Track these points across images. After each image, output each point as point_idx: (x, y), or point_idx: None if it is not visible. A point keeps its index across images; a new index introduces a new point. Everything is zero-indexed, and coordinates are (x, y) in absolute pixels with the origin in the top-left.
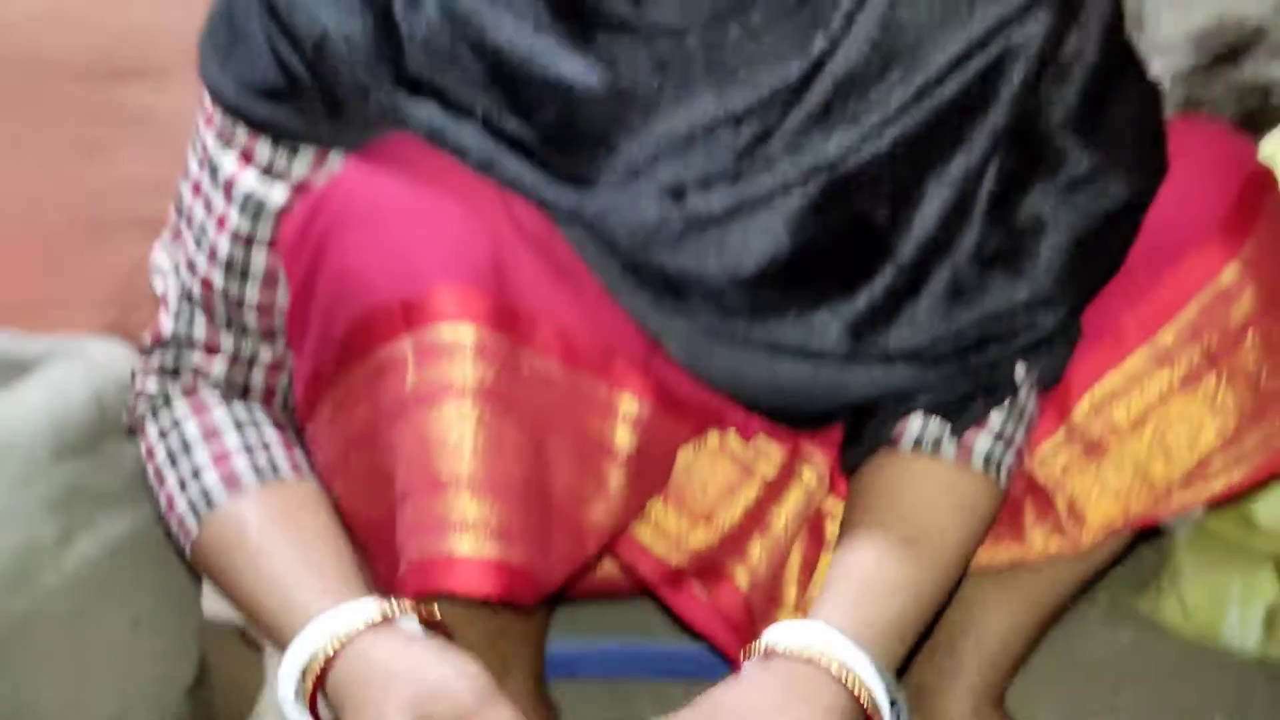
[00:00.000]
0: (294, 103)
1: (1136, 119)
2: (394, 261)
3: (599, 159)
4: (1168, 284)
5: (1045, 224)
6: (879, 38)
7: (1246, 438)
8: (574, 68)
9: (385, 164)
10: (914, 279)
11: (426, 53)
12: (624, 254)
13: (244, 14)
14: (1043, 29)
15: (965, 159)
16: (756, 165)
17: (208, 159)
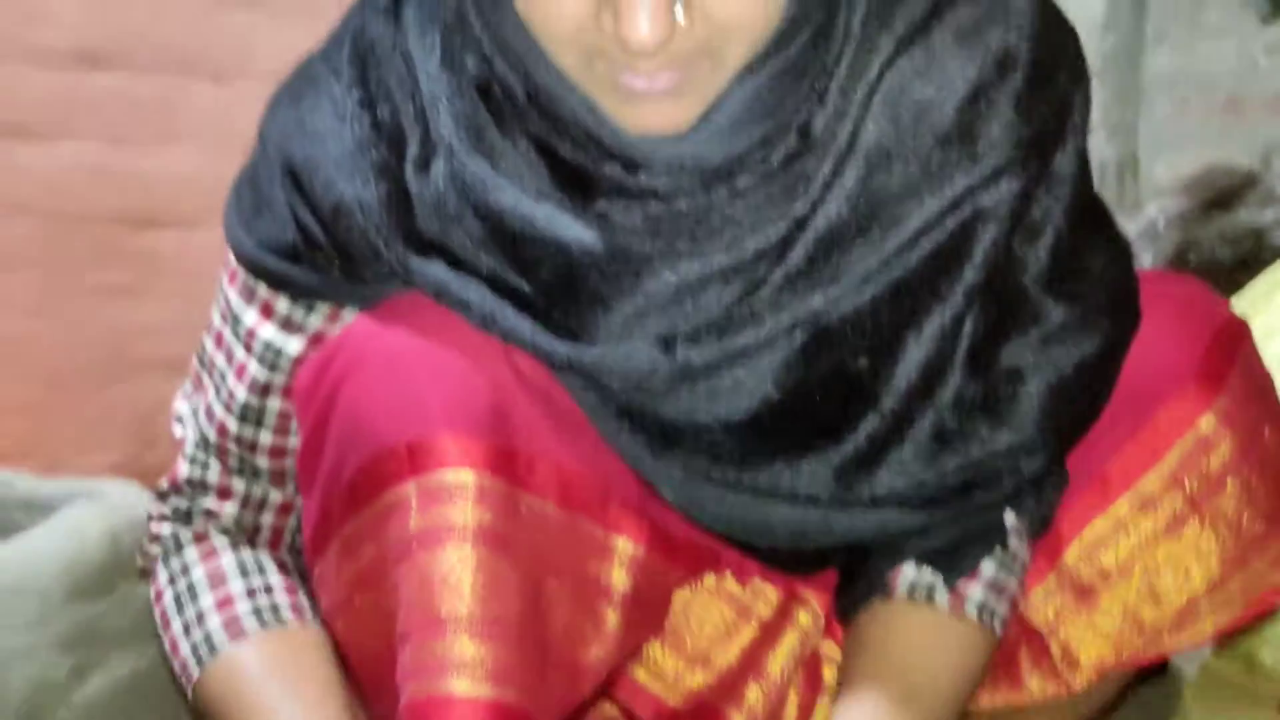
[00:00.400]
0: (312, 262)
1: (1108, 274)
2: (402, 408)
3: (595, 314)
4: (1148, 432)
5: (1024, 374)
6: (857, 201)
7: (1231, 582)
8: (572, 230)
9: (395, 317)
10: (898, 427)
11: (435, 216)
12: (619, 402)
13: (268, 181)
14: (1011, 193)
15: (943, 313)
16: (744, 319)
17: (230, 312)
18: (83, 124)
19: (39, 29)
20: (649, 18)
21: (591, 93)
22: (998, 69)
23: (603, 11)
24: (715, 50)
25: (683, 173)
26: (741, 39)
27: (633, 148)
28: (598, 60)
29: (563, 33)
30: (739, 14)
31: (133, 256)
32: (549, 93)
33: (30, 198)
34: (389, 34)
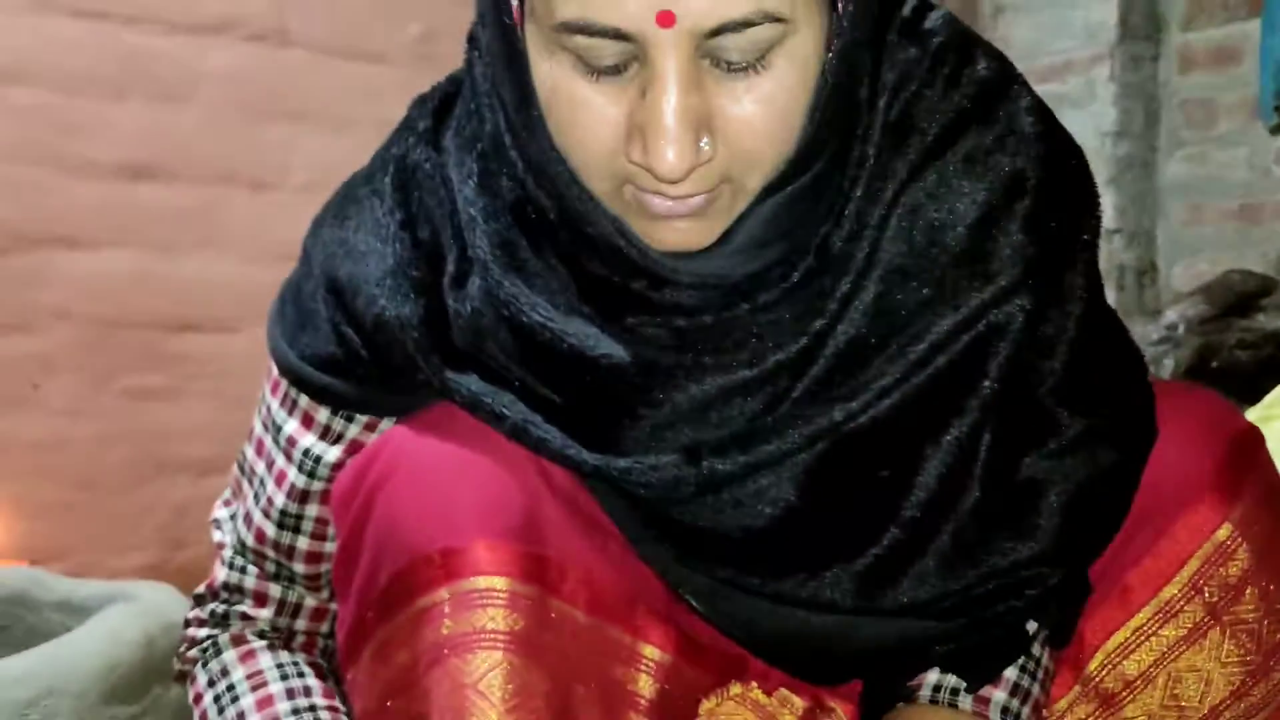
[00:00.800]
0: (352, 375)
1: (1123, 386)
2: (435, 515)
3: (622, 425)
4: (1168, 542)
5: (1042, 486)
6: (875, 317)
7: (1254, 690)
8: (601, 345)
9: (430, 427)
10: (919, 537)
11: (470, 331)
12: (646, 510)
13: (311, 296)
14: (1024, 310)
15: (960, 426)
16: (767, 430)
17: (271, 421)
18: (126, 233)
19: (87, 143)
20: (675, 149)
21: (619, 213)
22: (1008, 192)
23: (632, 141)
24: (737, 176)
25: (707, 289)
26: (762, 166)
27: (659, 264)
28: (626, 184)
29: (594, 160)
30: (760, 144)
31: (168, 360)
32: (579, 213)
33: (72, 304)
34: (430, 159)
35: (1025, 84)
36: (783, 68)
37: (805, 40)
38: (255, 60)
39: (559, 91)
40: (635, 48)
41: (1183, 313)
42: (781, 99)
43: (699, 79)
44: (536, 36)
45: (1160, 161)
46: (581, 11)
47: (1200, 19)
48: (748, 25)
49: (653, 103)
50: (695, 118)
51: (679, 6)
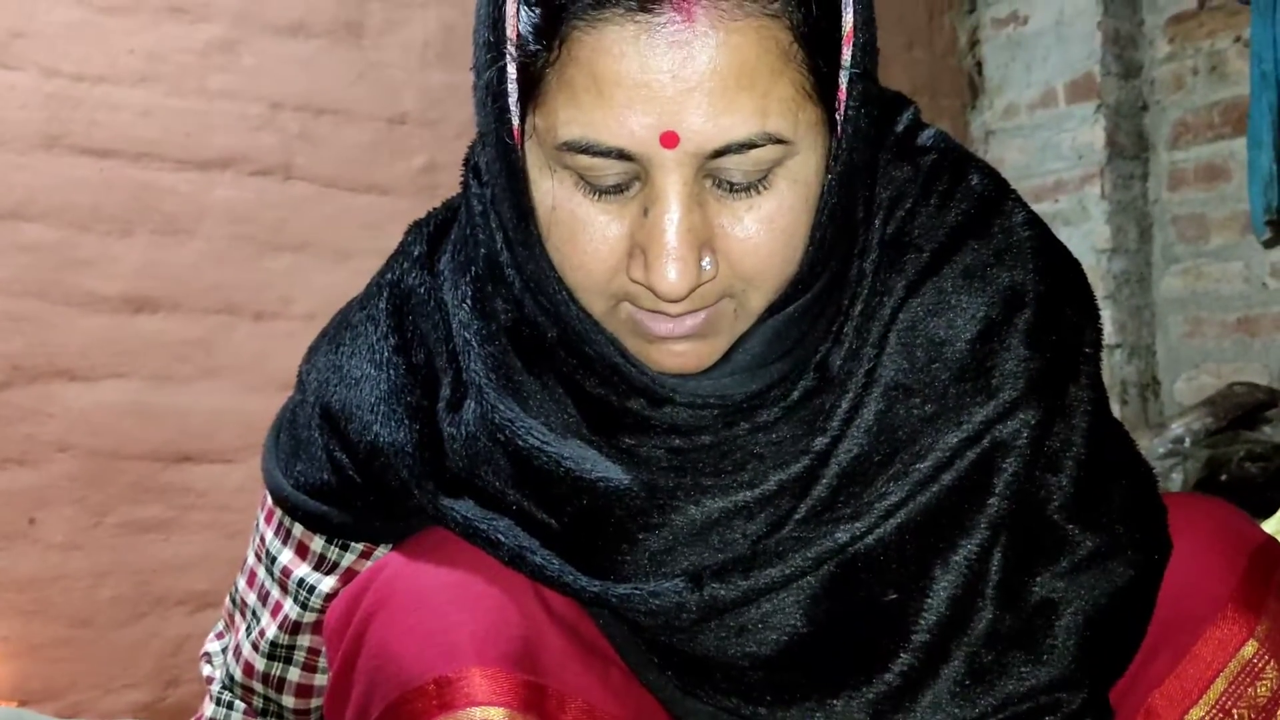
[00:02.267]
0: (346, 503)
1: (1133, 500)
2: (429, 644)
3: (621, 550)
4: (1191, 662)
5: (1057, 605)
6: (877, 436)
7: None
8: (598, 467)
9: (424, 553)
10: (931, 661)
11: (465, 456)
12: (647, 636)
13: (305, 424)
14: (1028, 425)
15: (969, 545)
16: (770, 554)
17: (266, 551)
18: (126, 364)
19: (92, 277)
20: (678, 268)
21: (617, 334)
22: (1007, 306)
23: (634, 260)
24: (739, 295)
25: (705, 409)
26: (764, 287)
27: (657, 384)
28: (624, 304)
29: (594, 279)
30: (762, 264)
31: (165, 492)
32: (576, 332)
33: (71, 437)
34: (425, 283)
35: (1019, 199)
36: (784, 189)
37: (806, 162)
38: (260, 194)
39: (560, 210)
40: (638, 168)
41: (1188, 426)
42: (782, 220)
43: (701, 198)
44: (537, 155)
45: (1156, 276)
46: (584, 133)
47: (1186, 138)
48: (751, 147)
49: (655, 222)
50: (698, 237)
51: (683, 128)
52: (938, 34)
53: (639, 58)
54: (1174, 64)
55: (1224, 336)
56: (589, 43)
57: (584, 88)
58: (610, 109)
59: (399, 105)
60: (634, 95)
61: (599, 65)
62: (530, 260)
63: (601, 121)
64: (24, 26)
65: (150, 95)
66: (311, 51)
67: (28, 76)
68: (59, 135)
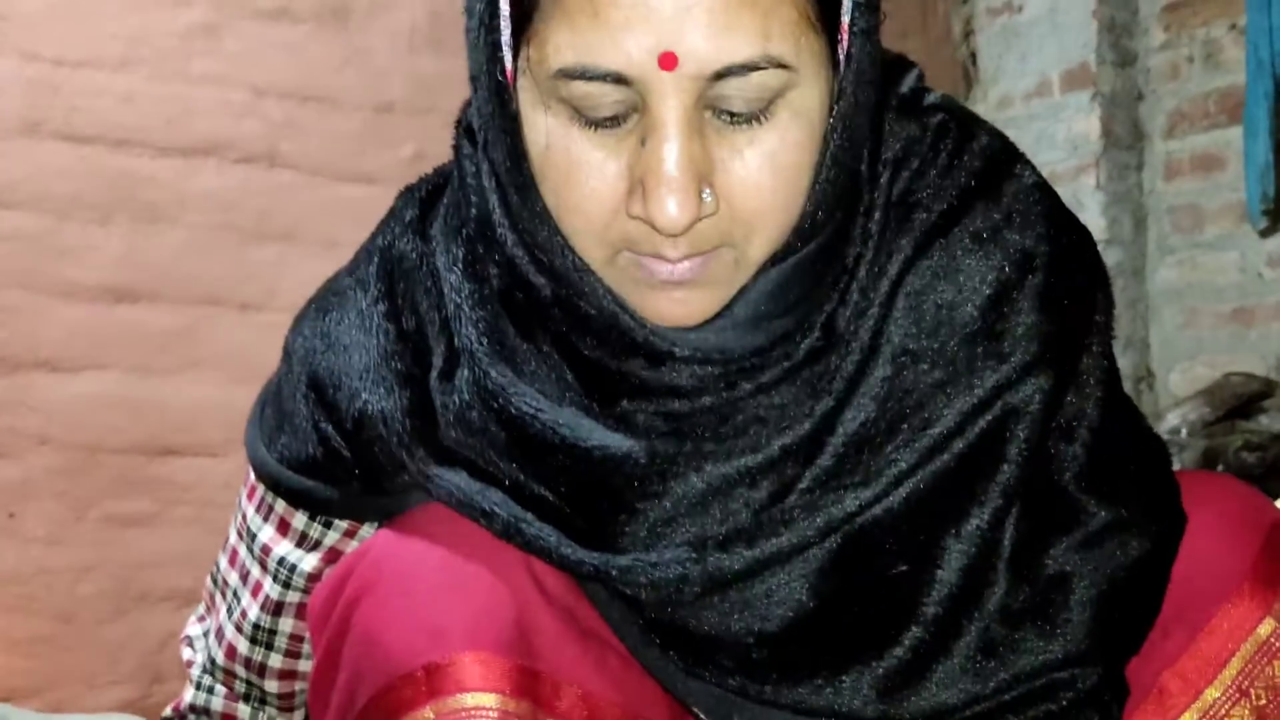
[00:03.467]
0: (331, 477)
1: (1147, 473)
2: (419, 629)
3: (621, 521)
4: (1206, 640)
5: (1071, 579)
6: (885, 401)
7: None
8: (595, 434)
9: (412, 533)
10: (943, 636)
11: (458, 425)
12: (648, 613)
13: (290, 396)
14: (1041, 391)
15: (981, 515)
16: (774, 524)
17: (246, 528)
18: (106, 356)
19: (72, 266)
20: (678, 198)
21: (614, 285)
22: (1018, 270)
23: (632, 195)
24: (739, 242)
25: (706, 366)
26: (764, 231)
27: (657, 338)
28: (623, 252)
29: (592, 221)
30: (762, 204)
31: (149, 485)
32: (573, 286)
33: (52, 430)
34: (416, 248)
35: (1028, 161)
36: (786, 121)
37: (809, 94)
38: (244, 182)
39: (554, 146)
40: (635, 95)
41: (1185, 416)
42: (785, 155)
43: (701, 128)
44: (531, 91)
45: (1151, 268)
46: (579, 57)
47: (1182, 127)
48: (752, 69)
49: (653, 150)
50: (698, 167)
51: (682, 49)
52: (932, 23)
53: None
54: (1169, 52)
55: (1219, 327)
56: None
57: (579, 9)
58: (606, 30)
59: (386, 93)
60: (631, 14)
61: None
62: (524, 208)
63: (597, 44)
64: (3, 9)
65: (131, 80)
66: (297, 36)
67: (7, 61)
68: (39, 121)
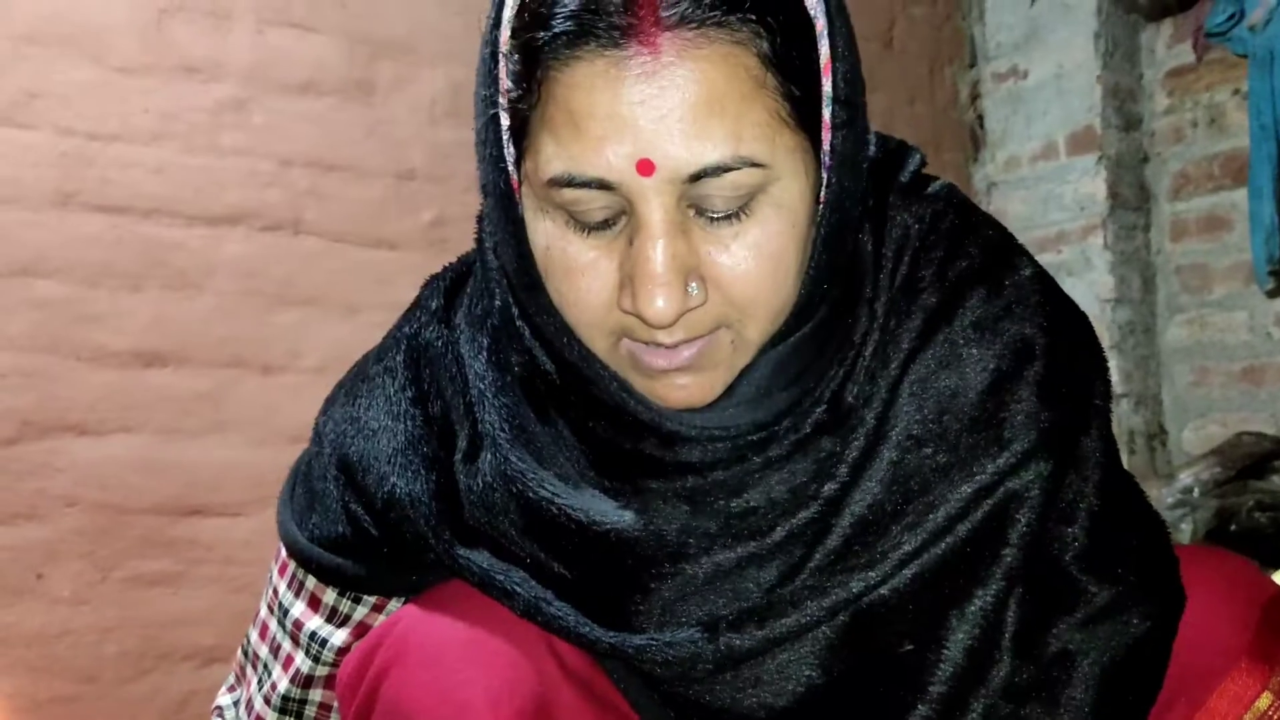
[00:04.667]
0: (361, 555)
1: (1147, 552)
2: (444, 701)
3: (635, 600)
4: (1206, 715)
5: (1074, 656)
6: (890, 485)
7: None
8: (609, 517)
9: (438, 608)
10: (949, 714)
11: (481, 507)
12: (663, 688)
13: (320, 477)
14: (1041, 477)
15: (984, 596)
16: (784, 603)
17: (278, 603)
18: (134, 418)
19: (102, 332)
20: (664, 293)
21: (620, 371)
22: (1017, 358)
23: (623, 291)
24: (734, 326)
25: (716, 443)
26: (757, 316)
27: (663, 419)
28: (624, 340)
29: (590, 314)
30: (752, 291)
31: (173, 546)
32: (581, 374)
33: (80, 491)
34: (441, 336)
35: (1026, 252)
36: (769, 214)
37: (789, 188)
38: (269, 249)
39: (553, 249)
40: (620, 200)
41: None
42: (769, 245)
43: (685, 227)
44: (531, 200)
45: (1161, 326)
46: (566, 167)
47: (1187, 189)
48: (726, 170)
49: (639, 250)
50: (683, 264)
51: (657, 155)
52: (939, 88)
53: (610, 90)
54: (1173, 116)
55: (1230, 386)
56: (564, 80)
57: (562, 123)
58: (588, 141)
59: (408, 161)
60: (608, 127)
61: (574, 101)
62: (533, 303)
63: (581, 154)
64: (40, 87)
65: (162, 153)
66: (321, 109)
67: (43, 135)
68: (72, 193)
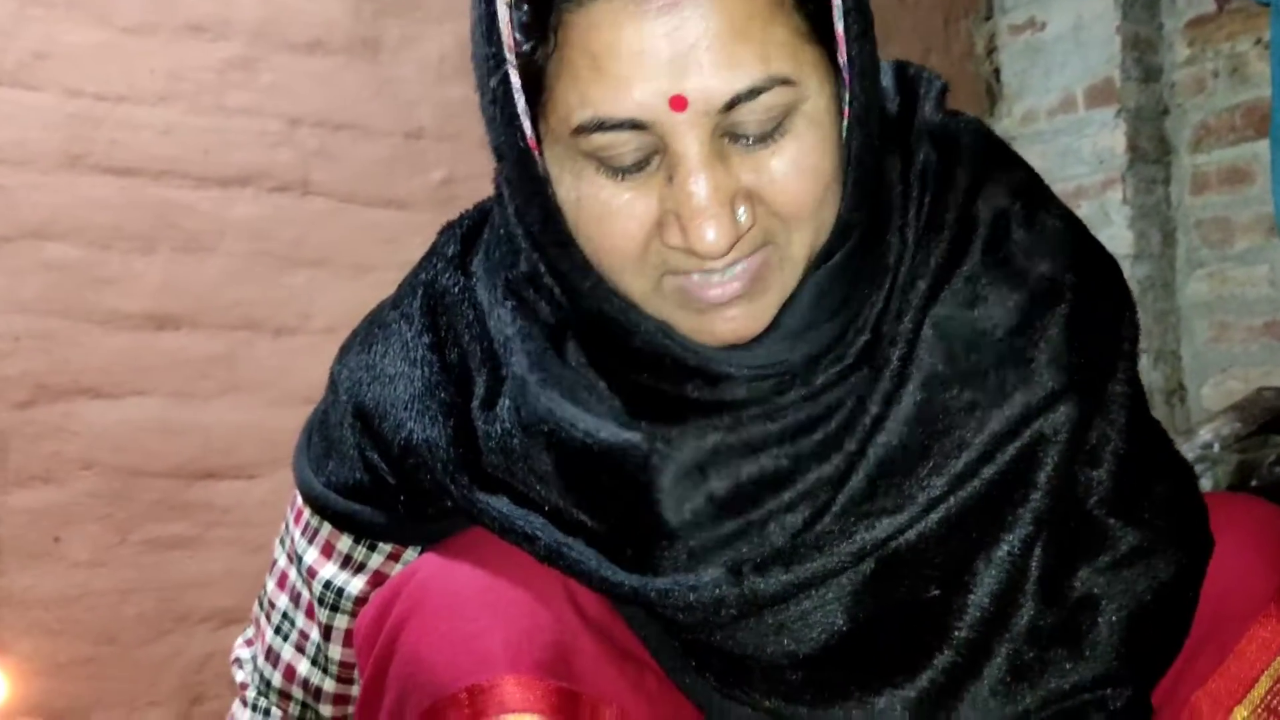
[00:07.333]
0: (378, 502)
1: (1174, 496)
2: (462, 652)
3: (660, 546)
4: (1235, 660)
5: (1100, 601)
6: (915, 426)
7: None
8: (645, 456)
9: (457, 558)
10: (974, 659)
11: (500, 452)
12: (684, 635)
13: (337, 425)
14: (1069, 419)
15: (1010, 540)
16: (809, 548)
17: (295, 552)
18: (149, 381)
19: (115, 295)
20: (715, 225)
21: (662, 314)
22: (1045, 298)
23: (667, 228)
24: (779, 242)
25: (761, 381)
26: (802, 228)
27: (711, 362)
28: (667, 277)
29: (630, 258)
30: (796, 203)
31: (189, 508)
32: (623, 328)
33: (95, 454)
34: (458, 283)
35: (1052, 193)
36: (801, 130)
37: (818, 102)
38: (279, 210)
39: (585, 200)
40: (655, 139)
41: (1217, 431)
42: (807, 160)
43: (723, 155)
44: (556, 153)
45: (1180, 281)
46: (595, 111)
47: (1208, 141)
48: (759, 92)
49: (681, 185)
50: (727, 193)
51: (689, 88)
52: (954, 41)
53: (633, 26)
54: (1194, 67)
55: (1251, 340)
56: (581, 24)
57: (585, 67)
58: (614, 82)
59: (416, 120)
60: (634, 65)
61: (595, 42)
62: (565, 260)
63: (608, 96)
64: (46, 48)
65: (170, 114)
66: (329, 68)
67: (50, 97)
68: (80, 155)
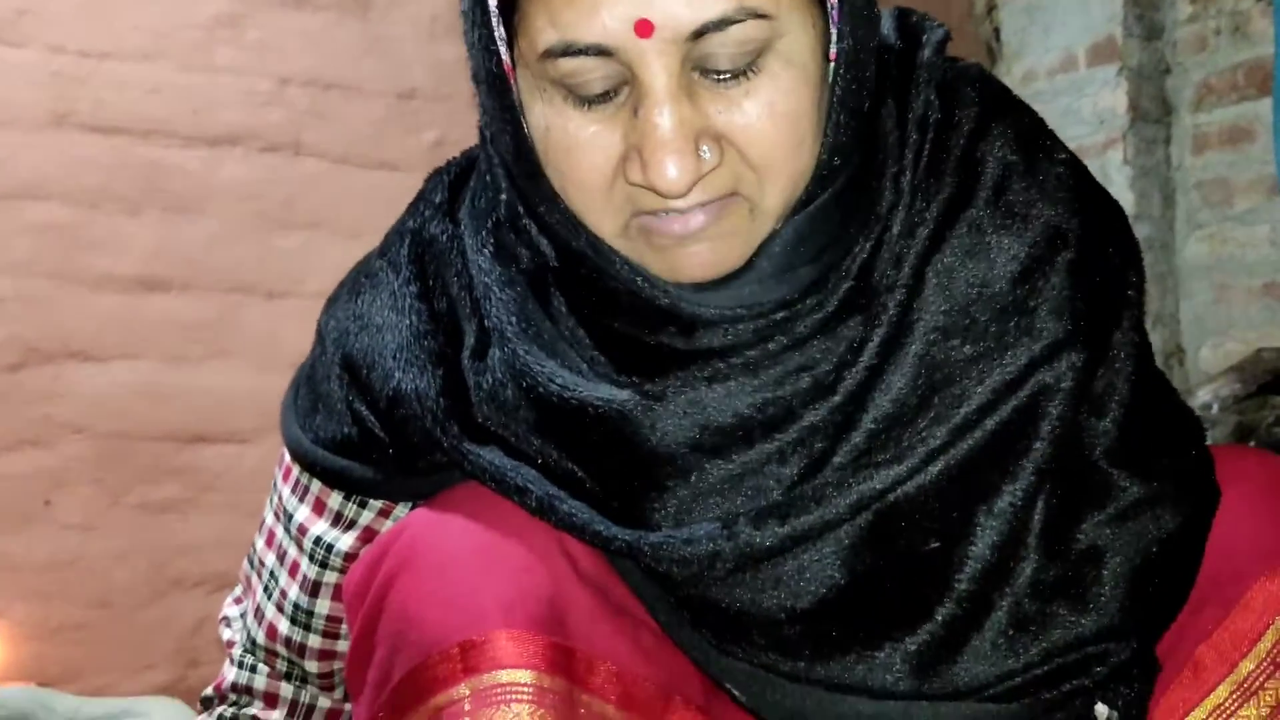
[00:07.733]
0: (366, 457)
1: (1179, 448)
2: (454, 607)
3: (652, 498)
4: (1240, 613)
5: (1103, 553)
6: (916, 377)
7: None
8: (626, 409)
9: (448, 513)
10: (975, 612)
11: (491, 404)
12: (680, 590)
13: (324, 378)
14: (1073, 368)
15: (1013, 491)
16: (806, 500)
17: (283, 509)
18: (138, 345)
19: (103, 257)
20: (675, 159)
21: (633, 254)
22: (1049, 245)
23: (630, 163)
24: (752, 193)
25: (738, 325)
26: (775, 179)
27: (682, 303)
28: (634, 217)
29: (596, 194)
30: (767, 150)
31: (181, 472)
32: (592, 264)
33: (85, 418)
34: (446, 230)
35: (1058, 139)
36: (777, 71)
37: (797, 42)
38: (269, 171)
39: (552, 129)
40: (621, 68)
41: (1216, 392)
42: (783, 103)
43: (691, 90)
44: (527, 80)
45: (1180, 242)
46: (561, 35)
47: (1210, 100)
48: (730, 23)
49: (645, 118)
50: (691, 128)
51: (655, 14)
52: (954, 1)
53: None
54: (1196, 25)
55: (1250, 302)
56: None
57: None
58: (581, 6)
59: (408, 80)
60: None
61: None
62: (535, 192)
63: (575, 20)
64: (29, 4)
65: (157, 71)
66: (318, 25)
67: (33, 54)
68: (66, 113)
